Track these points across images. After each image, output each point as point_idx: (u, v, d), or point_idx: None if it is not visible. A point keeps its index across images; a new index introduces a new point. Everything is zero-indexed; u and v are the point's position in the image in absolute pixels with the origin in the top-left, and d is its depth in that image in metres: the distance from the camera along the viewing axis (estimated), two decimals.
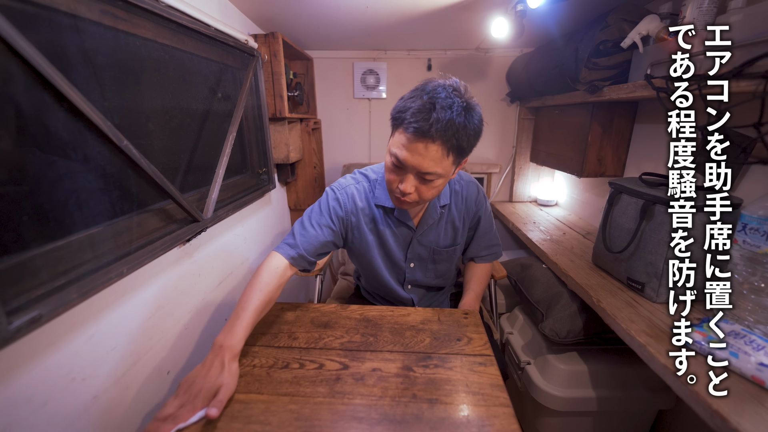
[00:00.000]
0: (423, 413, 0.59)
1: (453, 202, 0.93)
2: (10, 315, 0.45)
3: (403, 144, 0.69)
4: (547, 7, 1.07)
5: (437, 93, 0.67)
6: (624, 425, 1.07)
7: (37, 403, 0.52)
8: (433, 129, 0.65)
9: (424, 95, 0.67)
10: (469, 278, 1.03)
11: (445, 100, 0.66)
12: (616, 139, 1.23)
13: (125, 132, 0.62)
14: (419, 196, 0.75)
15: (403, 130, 0.68)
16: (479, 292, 1.00)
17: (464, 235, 0.98)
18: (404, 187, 0.72)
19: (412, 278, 0.98)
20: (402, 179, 0.73)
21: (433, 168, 0.69)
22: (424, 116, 0.65)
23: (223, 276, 1.06)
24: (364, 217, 0.90)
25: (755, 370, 0.56)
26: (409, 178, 0.72)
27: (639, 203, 0.85)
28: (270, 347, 0.76)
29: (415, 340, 0.77)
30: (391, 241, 0.93)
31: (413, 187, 0.73)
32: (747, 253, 0.67)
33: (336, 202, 0.87)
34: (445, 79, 0.71)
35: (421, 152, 0.68)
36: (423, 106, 0.66)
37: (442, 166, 0.69)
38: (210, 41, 0.92)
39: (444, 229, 0.94)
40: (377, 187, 0.89)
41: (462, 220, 0.95)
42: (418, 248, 0.94)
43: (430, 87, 0.68)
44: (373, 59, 1.74)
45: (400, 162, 0.71)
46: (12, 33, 0.45)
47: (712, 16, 0.81)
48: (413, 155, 0.68)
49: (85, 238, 0.58)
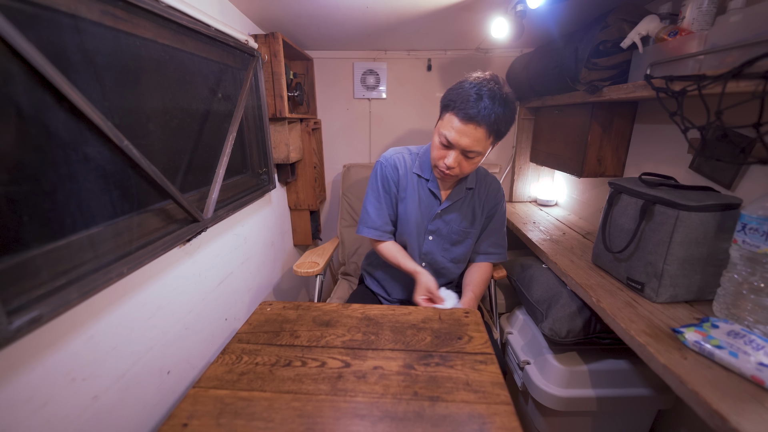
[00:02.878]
0: (424, 411, 0.59)
1: (477, 189, 1.05)
2: (10, 315, 0.45)
3: (454, 126, 0.84)
4: (547, 7, 1.08)
5: (483, 84, 0.82)
6: (624, 425, 1.07)
7: (37, 403, 0.52)
8: (481, 115, 0.80)
9: (472, 86, 0.82)
10: (470, 280, 1.06)
11: (490, 91, 0.81)
12: (616, 139, 1.23)
13: (125, 132, 0.62)
14: (461, 170, 0.91)
15: (454, 114, 0.83)
16: (478, 294, 1.02)
17: (480, 224, 1.07)
18: (450, 162, 0.88)
19: (428, 250, 1.07)
20: (448, 156, 0.88)
21: (477, 147, 0.85)
22: (473, 104, 0.80)
23: (223, 276, 1.06)
24: (404, 181, 1.05)
25: (755, 370, 0.56)
26: (454, 154, 0.87)
27: (639, 203, 0.85)
28: (272, 345, 0.76)
29: (416, 339, 0.77)
30: (420, 207, 1.05)
31: (457, 162, 0.88)
32: (746, 253, 0.67)
33: (387, 170, 1.05)
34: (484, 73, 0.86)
35: (468, 134, 0.83)
36: (472, 94, 0.81)
37: (484, 146, 0.86)
38: (210, 41, 0.92)
39: (465, 211, 1.04)
40: (417, 160, 1.05)
41: (482, 208, 1.06)
42: (439, 222, 1.04)
43: (477, 79, 0.83)
44: (373, 59, 1.74)
45: (449, 141, 0.86)
46: (12, 33, 0.45)
47: (711, 16, 0.81)
48: (461, 136, 0.84)
49: (86, 238, 0.58)
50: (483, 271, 1.08)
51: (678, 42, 0.82)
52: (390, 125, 1.84)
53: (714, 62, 0.72)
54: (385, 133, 1.86)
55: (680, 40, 0.81)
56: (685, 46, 0.79)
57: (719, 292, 0.74)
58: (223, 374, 0.68)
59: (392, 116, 1.83)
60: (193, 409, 0.60)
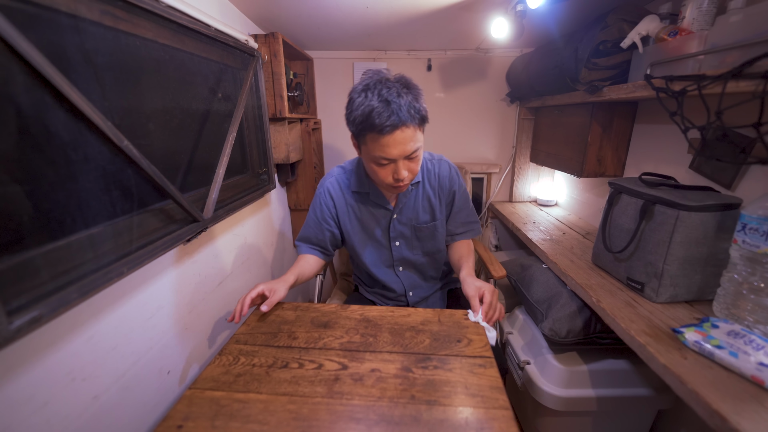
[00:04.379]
0: (421, 414, 0.59)
1: (426, 180, 1.01)
2: (10, 315, 0.45)
3: (385, 143, 0.79)
4: (547, 7, 1.07)
5: (379, 90, 0.78)
6: (624, 425, 1.07)
7: (37, 403, 0.52)
8: (401, 115, 0.76)
9: (371, 98, 0.78)
10: (458, 257, 1.04)
11: (390, 91, 0.77)
12: (616, 139, 1.23)
13: (125, 132, 0.62)
14: (412, 173, 0.86)
15: (377, 134, 0.78)
16: (471, 264, 1.01)
17: (443, 211, 1.04)
18: (400, 174, 0.83)
19: (400, 256, 1.04)
20: (396, 170, 0.83)
21: (416, 145, 0.82)
22: (387, 113, 0.76)
23: (223, 276, 1.06)
24: (343, 206, 1.02)
25: (755, 370, 0.56)
26: (402, 165, 0.83)
27: (639, 203, 0.85)
28: (269, 347, 0.76)
29: (415, 341, 0.77)
30: (371, 223, 1.02)
31: (407, 169, 0.84)
32: (746, 253, 0.67)
33: (321, 198, 1.02)
34: (366, 77, 0.83)
35: (401, 140, 0.79)
36: (378, 105, 0.76)
37: (419, 140, 0.83)
38: (210, 41, 0.92)
39: (421, 205, 1.01)
40: (353, 176, 1.01)
41: (437, 197, 1.02)
42: (399, 227, 1.01)
43: (367, 88, 0.79)
44: (373, 59, 1.74)
45: (389, 159, 0.81)
46: (12, 33, 0.45)
47: (711, 16, 0.81)
48: (398, 146, 0.79)
49: (86, 238, 0.58)
50: (464, 246, 1.06)
51: (678, 42, 0.82)
52: None
53: (714, 62, 0.72)
54: None
55: (680, 40, 0.81)
56: (685, 46, 0.79)
57: (719, 292, 0.74)
58: (219, 375, 0.68)
59: None
60: (189, 410, 0.60)
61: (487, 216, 1.93)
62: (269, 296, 0.87)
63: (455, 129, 1.84)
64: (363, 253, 1.05)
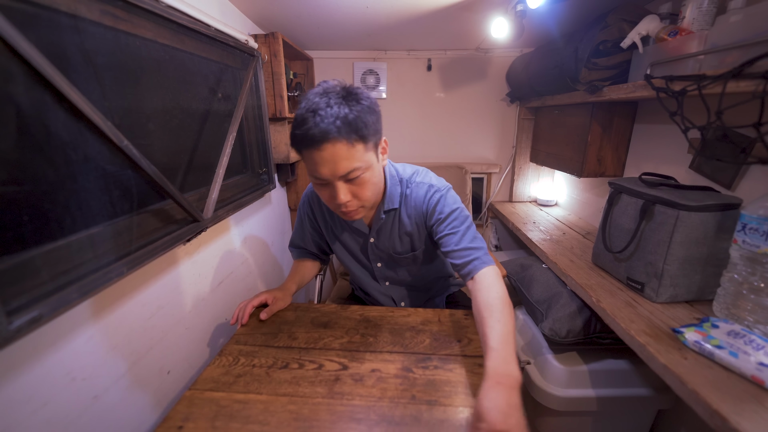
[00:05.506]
0: (422, 415, 0.59)
1: (404, 207, 0.86)
2: (10, 315, 0.45)
3: (313, 159, 0.68)
4: (547, 7, 1.07)
5: (311, 100, 0.68)
6: (624, 425, 1.07)
7: (37, 403, 0.52)
8: (325, 128, 0.64)
9: (304, 107, 0.68)
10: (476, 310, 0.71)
11: (320, 102, 0.66)
12: (616, 139, 1.23)
13: (125, 132, 0.62)
14: (360, 200, 0.73)
15: (305, 147, 0.67)
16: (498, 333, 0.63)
17: (423, 239, 0.89)
18: (341, 199, 0.70)
19: (383, 275, 0.98)
20: (334, 193, 0.71)
21: (351, 165, 0.68)
22: (310, 125, 0.65)
23: (223, 276, 1.06)
24: (323, 218, 0.95)
25: (755, 370, 0.56)
26: (339, 187, 0.70)
27: (639, 203, 0.85)
28: (270, 347, 0.76)
29: (415, 341, 0.77)
30: (351, 242, 0.95)
31: (349, 194, 0.71)
32: (746, 253, 0.67)
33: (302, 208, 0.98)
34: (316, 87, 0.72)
35: (329, 157, 0.66)
36: (306, 117, 0.66)
37: (359, 159, 0.68)
38: (210, 41, 0.92)
39: (398, 235, 0.88)
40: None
41: (415, 225, 0.87)
42: (377, 251, 0.93)
43: (308, 98, 0.69)
44: (373, 59, 1.74)
45: (322, 179, 0.70)
46: (12, 33, 0.45)
47: (711, 16, 0.81)
48: (326, 164, 0.67)
49: (86, 238, 0.58)
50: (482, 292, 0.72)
51: (678, 42, 0.82)
52: (390, 125, 1.84)
53: (714, 62, 0.72)
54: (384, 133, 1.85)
55: (680, 40, 0.81)
56: (685, 46, 0.79)
57: (719, 292, 0.74)
58: (219, 376, 0.68)
59: (392, 116, 1.83)
60: (189, 411, 0.60)
61: (487, 216, 1.93)
62: (270, 304, 0.87)
63: (455, 129, 1.84)
64: (348, 266, 1.01)
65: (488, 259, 0.77)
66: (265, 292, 0.89)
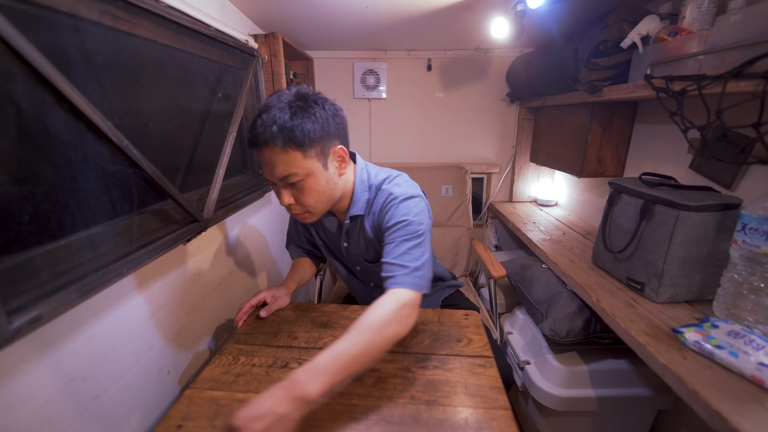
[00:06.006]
0: (421, 415, 0.59)
1: (369, 214, 0.84)
2: (10, 315, 0.45)
3: (260, 160, 0.70)
4: (547, 7, 1.07)
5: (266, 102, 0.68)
6: (624, 425, 1.07)
7: (37, 403, 0.52)
8: (261, 132, 0.65)
9: (257, 110, 0.69)
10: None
11: (269, 104, 0.67)
12: (616, 139, 1.23)
13: (125, 132, 0.62)
14: (302, 205, 0.73)
15: (252, 148, 0.69)
16: (328, 355, 0.58)
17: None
18: (283, 201, 0.72)
19: (365, 278, 0.99)
20: (281, 195, 0.72)
21: (287, 170, 0.67)
22: (255, 126, 0.67)
23: (223, 276, 1.06)
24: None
25: (755, 370, 0.56)
26: (280, 188, 0.72)
27: (639, 203, 0.85)
28: (269, 346, 0.76)
29: (415, 341, 0.77)
30: (331, 244, 0.97)
31: (291, 197, 0.72)
32: (746, 253, 0.67)
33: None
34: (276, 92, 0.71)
35: (267, 161, 0.68)
36: (255, 118, 0.67)
37: (296, 165, 0.67)
38: (210, 41, 0.92)
39: (363, 242, 0.87)
40: None
41: (375, 232, 0.84)
42: (351, 256, 0.93)
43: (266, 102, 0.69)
44: (373, 59, 1.74)
45: (267, 179, 0.72)
46: (12, 33, 0.45)
47: (711, 16, 0.81)
48: (266, 166, 0.69)
49: (86, 238, 0.58)
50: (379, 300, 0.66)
51: (678, 42, 0.82)
52: (390, 125, 1.84)
53: (714, 62, 0.72)
54: (385, 133, 1.86)
55: (680, 40, 0.81)
56: (685, 46, 0.79)
57: (719, 292, 0.74)
58: (219, 375, 0.68)
59: (392, 116, 1.83)
60: (189, 410, 0.60)
61: (487, 216, 1.93)
62: (270, 303, 0.88)
63: (455, 129, 1.84)
64: (335, 266, 1.02)
65: (408, 281, 0.69)
66: (264, 291, 0.90)
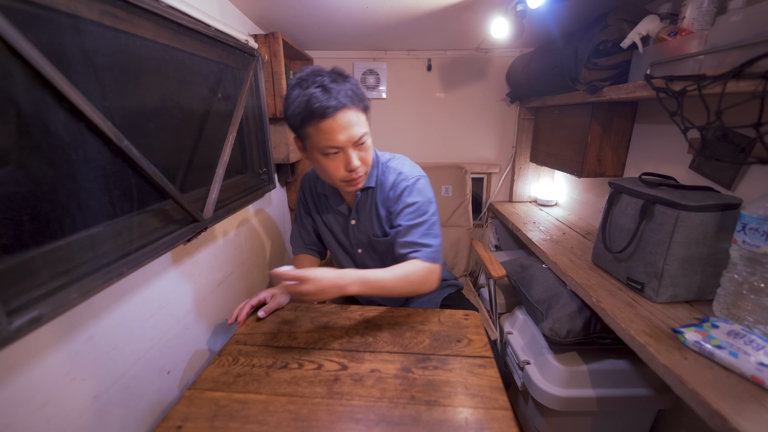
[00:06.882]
0: (421, 415, 0.59)
1: (378, 187, 0.92)
2: (10, 315, 0.45)
3: (330, 129, 0.75)
4: (547, 7, 1.07)
5: (314, 79, 0.75)
6: (624, 425, 1.07)
7: (37, 403, 0.52)
8: (340, 98, 0.73)
9: (307, 90, 0.73)
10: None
11: (325, 79, 0.74)
12: (616, 139, 1.23)
13: (125, 132, 0.62)
14: (365, 164, 0.82)
15: (319, 122, 0.74)
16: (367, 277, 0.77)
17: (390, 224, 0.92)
18: (352, 164, 0.78)
19: (364, 265, 1.00)
20: (348, 159, 0.78)
21: (363, 128, 0.78)
22: (326, 97, 0.72)
23: (223, 276, 1.06)
24: (313, 204, 1.02)
25: (755, 370, 0.56)
26: (349, 152, 0.78)
27: (639, 203, 0.85)
28: (269, 347, 0.76)
29: (415, 341, 0.77)
30: (335, 226, 1.00)
31: (359, 158, 0.79)
32: (746, 253, 0.67)
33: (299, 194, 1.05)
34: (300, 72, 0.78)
35: (345, 124, 0.75)
36: (316, 93, 0.73)
37: (364, 124, 0.79)
38: (210, 41, 0.92)
39: (374, 216, 0.93)
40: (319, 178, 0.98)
41: (385, 207, 0.92)
42: (358, 234, 0.97)
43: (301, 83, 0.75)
44: (373, 59, 1.74)
45: (338, 146, 0.77)
46: (12, 33, 0.45)
47: (711, 16, 0.81)
48: (343, 130, 0.75)
49: (86, 238, 0.58)
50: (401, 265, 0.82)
51: (678, 42, 0.82)
52: (390, 125, 1.84)
53: (714, 62, 0.72)
54: (385, 133, 1.86)
55: (680, 40, 0.81)
56: (685, 46, 0.79)
57: (719, 292, 0.74)
58: (219, 376, 0.68)
59: (392, 116, 1.83)
60: (188, 411, 0.60)
61: (487, 216, 1.93)
62: (269, 302, 0.88)
63: (455, 129, 1.84)
64: (334, 253, 1.05)
65: (432, 257, 0.83)
66: (264, 291, 0.90)
